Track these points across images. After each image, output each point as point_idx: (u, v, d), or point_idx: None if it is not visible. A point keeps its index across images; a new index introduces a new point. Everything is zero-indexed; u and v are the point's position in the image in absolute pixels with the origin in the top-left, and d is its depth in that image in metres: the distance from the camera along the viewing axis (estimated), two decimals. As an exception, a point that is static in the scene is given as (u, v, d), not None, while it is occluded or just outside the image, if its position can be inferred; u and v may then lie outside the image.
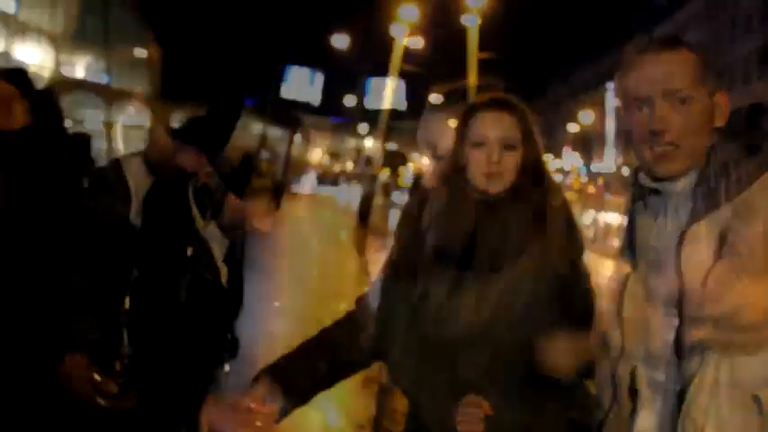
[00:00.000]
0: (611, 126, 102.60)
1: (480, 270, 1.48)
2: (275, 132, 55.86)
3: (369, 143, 62.48)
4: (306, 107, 69.44)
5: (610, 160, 78.87)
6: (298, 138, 61.18)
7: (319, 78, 66.69)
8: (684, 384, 1.29)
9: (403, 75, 64.81)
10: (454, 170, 1.57)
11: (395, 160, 35.48)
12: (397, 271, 1.59)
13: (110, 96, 32.10)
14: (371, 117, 52.12)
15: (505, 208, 1.52)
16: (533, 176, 1.59)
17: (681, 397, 1.29)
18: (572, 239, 1.57)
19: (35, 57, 29.42)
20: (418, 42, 31.25)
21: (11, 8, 28.26)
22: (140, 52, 34.48)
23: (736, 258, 1.25)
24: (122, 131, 32.12)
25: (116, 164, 1.63)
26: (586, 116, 51.77)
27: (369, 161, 31.51)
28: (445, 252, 1.51)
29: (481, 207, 1.51)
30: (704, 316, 1.26)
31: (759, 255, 1.23)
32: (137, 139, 31.62)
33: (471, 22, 21.97)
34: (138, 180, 1.64)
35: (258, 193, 12.58)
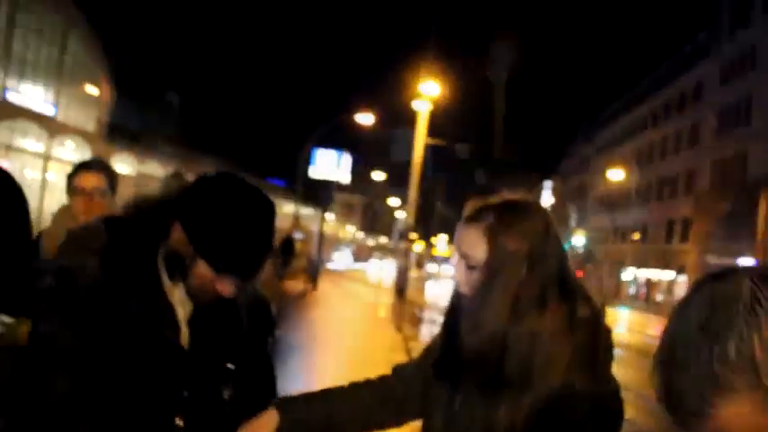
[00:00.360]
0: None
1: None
2: (307, 211, 56.61)
3: (401, 215, 62.85)
4: (336, 186, 70.58)
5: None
6: (329, 215, 61.84)
7: (346, 158, 67.87)
8: None
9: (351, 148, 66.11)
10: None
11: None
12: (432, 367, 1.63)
13: (53, 128, 31.66)
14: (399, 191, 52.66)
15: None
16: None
17: None
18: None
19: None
20: (369, 119, 32.42)
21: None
22: (91, 89, 33.76)
23: None
24: (59, 166, 31.90)
25: (164, 294, 1.62)
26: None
27: (402, 234, 31.56)
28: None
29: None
30: None
31: None
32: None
33: (422, 107, 23.61)
34: (182, 306, 1.66)
35: (295, 274, 12.82)
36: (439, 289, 42.15)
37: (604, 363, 1.45)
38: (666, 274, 48.76)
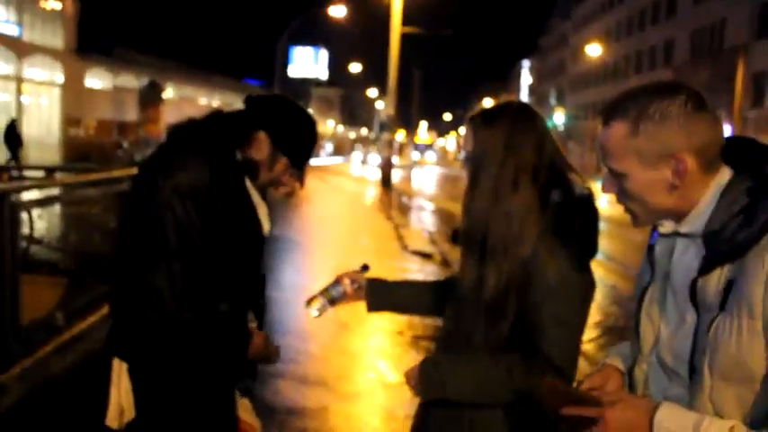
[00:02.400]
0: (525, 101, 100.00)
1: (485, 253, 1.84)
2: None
3: (380, 106, 62.41)
4: (315, 83, 69.57)
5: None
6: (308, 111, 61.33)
7: (323, 54, 66.73)
8: (692, 399, 1.37)
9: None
10: None
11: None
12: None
13: (20, 49, 30.33)
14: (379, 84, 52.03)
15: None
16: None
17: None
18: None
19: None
20: (340, 10, 31.62)
21: None
22: (54, 4, 31.95)
23: (735, 313, 1.29)
24: (32, 87, 31.01)
25: (249, 194, 2.14)
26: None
27: (384, 125, 31.60)
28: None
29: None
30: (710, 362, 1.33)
31: (756, 314, 1.27)
32: (46, 94, 30.63)
33: None
34: (261, 206, 2.22)
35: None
36: (423, 176, 42.59)
37: (578, 240, 1.76)
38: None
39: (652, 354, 1.51)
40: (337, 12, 32.04)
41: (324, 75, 67.19)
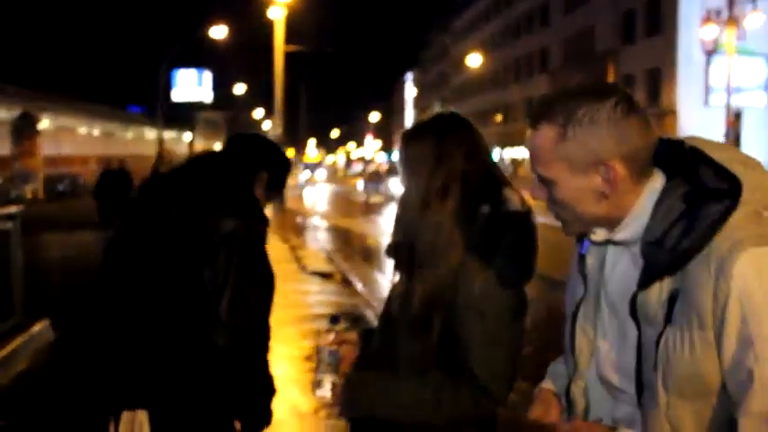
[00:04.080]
0: (409, 115, 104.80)
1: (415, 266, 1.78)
2: (170, 134, 54.68)
3: (267, 126, 61.85)
4: (200, 106, 68.21)
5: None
6: (188, 135, 60.10)
7: (207, 76, 65.39)
8: (646, 418, 1.31)
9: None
10: None
11: None
12: None
13: None
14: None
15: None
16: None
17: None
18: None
19: None
20: (221, 31, 31.52)
21: None
22: None
23: (684, 325, 1.25)
24: None
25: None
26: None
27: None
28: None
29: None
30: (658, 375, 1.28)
31: (707, 325, 1.23)
32: None
33: (277, 14, 23.09)
34: None
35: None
36: (316, 194, 42.43)
37: (508, 255, 1.68)
38: (530, 152, 51.16)
39: (590, 370, 1.46)
40: (218, 32, 31.53)
41: (209, 97, 65.80)
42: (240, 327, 2.07)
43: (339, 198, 40.28)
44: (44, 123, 36.12)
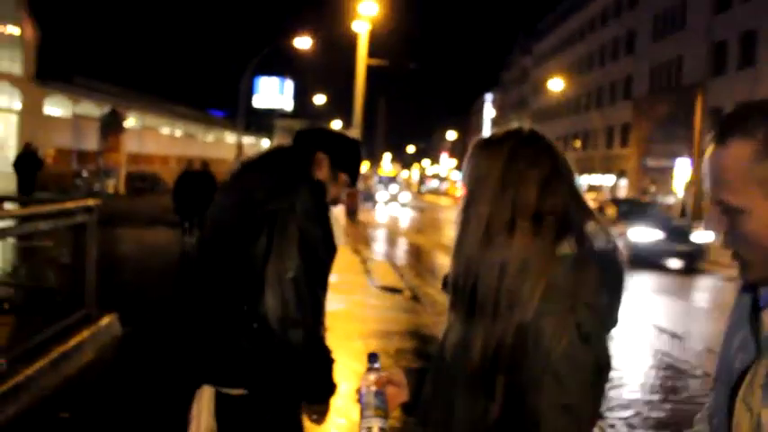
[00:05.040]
0: (486, 135, 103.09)
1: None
2: (249, 140, 55.76)
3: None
4: (280, 114, 69.51)
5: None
6: (266, 142, 61.18)
7: (289, 85, 66.59)
8: None
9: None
10: None
11: None
12: None
13: None
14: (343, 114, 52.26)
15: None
16: None
17: None
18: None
19: None
20: (305, 42, 31.72)
21: None
22: (13, 30, 30.81)
23: None
24: None
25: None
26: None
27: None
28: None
29: None
30: None
31: None
32: (3, 122, 29.88)
33: (362, 27, 23.15)
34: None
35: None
36: (387, 208, 42.46)
37: (594, 304, 1.38)
38: (608, 179, 50.01)
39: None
40: (302, 43, 31.97)
41: (289, 105, 66.91)
42: (284, 299, 2.08)
43: (414, 213, 40.17)
44: (130, 122, 37.34)
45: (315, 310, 2.18)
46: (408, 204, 46.93)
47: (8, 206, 9.05)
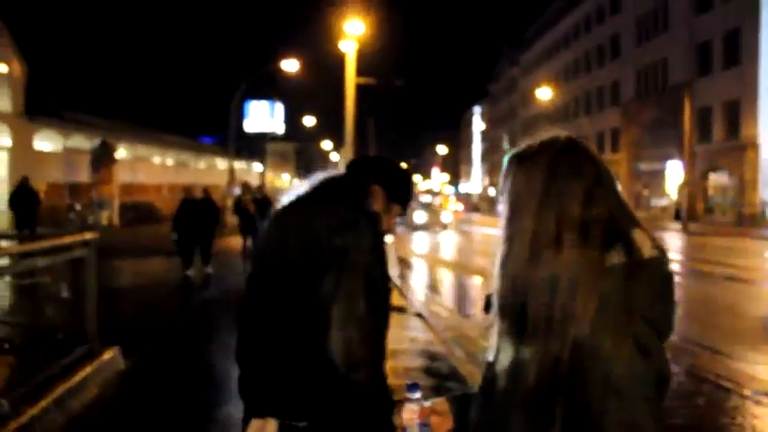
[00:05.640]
0: (477, 148, 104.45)
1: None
2: (240, 165, 55.73)
3: (335, 158, 62.40)
4: (271, 137, 69.67)
5: (476, 181, 78.25)
6: (258, 166, 61.17)
7: (279, 108, 66.73)
8: None
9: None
10: None
11: None
12: None
13: None
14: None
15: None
16: None
17: None
18: None
19: None
20: (293, 65, 31.88)
21: None
22: (0, 67, 30.78)
23: None
24: None
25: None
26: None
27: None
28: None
29: None
30: None
31: None
32: None
33: (349, 47, 23.09)
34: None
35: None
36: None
37: (650, 315, 1.34)
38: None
39: None
40: (290, 65, 32.05)
41: (280, 129, 67.04)
42: (350, 339, 2.08)
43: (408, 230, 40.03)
44: (121, 152, 37.27)
45: (379, 348, 2.18)
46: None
47: (4, 243, 8.95)
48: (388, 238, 2.64)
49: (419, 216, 34.53)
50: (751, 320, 10.12)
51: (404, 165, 2.57)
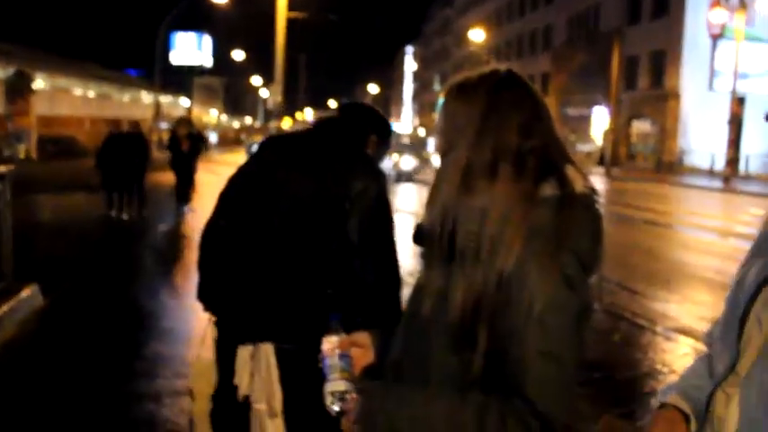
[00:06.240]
0: (408, 88, 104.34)
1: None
2: (167, 99, 54.07)
3: (265, 94, 61.23)
4: (199, 71, 67.54)
5: (407, 121, 78.79)
6: (185, 101, 59.48)
7: (207, 40, 64.56)
8: None
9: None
10: None
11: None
12: None
13: None
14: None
15: None
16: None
17: None
18: None
19: None
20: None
21: None
22: None
23: None
24: None
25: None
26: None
27: (271, 113, 30.93)
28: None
29: None
30: None
31: None
32: None
33: None
34: None
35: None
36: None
37: (573, 249, 1.34)
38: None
39: (753, 375, 1.13)
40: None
41: (208, 62, 65.05)
42: (387, 263, 2.45)
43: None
44: (39, 83, 35.59)
45: (399, 269, 2.55)
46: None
47: None
48: None
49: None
50: (666, 262, 10.59)
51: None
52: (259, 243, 2.42)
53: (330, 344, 1.53)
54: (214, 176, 26.77)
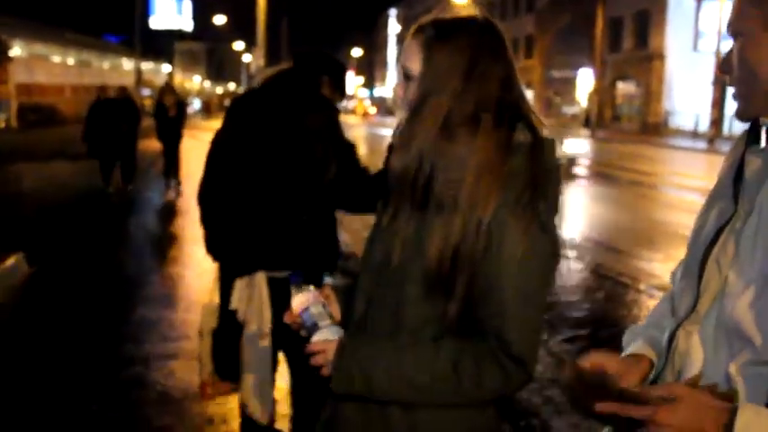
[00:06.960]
0: (392, 51, 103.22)
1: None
2: (148, 66, 53.36)
3: (248, 59, 60.57)
4: (179, 35, 66.52)
5: (391, 84, 77.78)
6: (167, 67, 58.64)
7: (187, 4, 63.53)
8: None
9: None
10: None
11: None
12: None
13: None
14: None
15: None
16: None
17: None
18: None
19: None
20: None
21: None
22: None
23: None
24: None
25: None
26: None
27: (253, 78, 30.60)
28: None
29: None
30: None
31: None
32: None
33: None
34: None
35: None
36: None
37: (545, 195, 1.37)
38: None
39: (710, 316, 1.16)
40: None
41: (189, 26, 64.16)
42: (353, 159, 2.82)
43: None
44: (16, 50, 34.98)
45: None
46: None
47: None
48: None
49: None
50: (650, 222, 10.67)
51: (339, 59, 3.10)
52: (246, 190, 2.68)
53: (303, 300, 1.49)
54: (197, 142, 26.58)
